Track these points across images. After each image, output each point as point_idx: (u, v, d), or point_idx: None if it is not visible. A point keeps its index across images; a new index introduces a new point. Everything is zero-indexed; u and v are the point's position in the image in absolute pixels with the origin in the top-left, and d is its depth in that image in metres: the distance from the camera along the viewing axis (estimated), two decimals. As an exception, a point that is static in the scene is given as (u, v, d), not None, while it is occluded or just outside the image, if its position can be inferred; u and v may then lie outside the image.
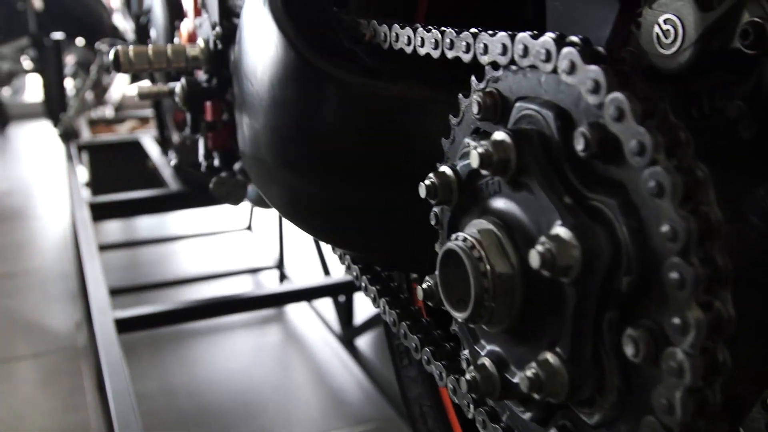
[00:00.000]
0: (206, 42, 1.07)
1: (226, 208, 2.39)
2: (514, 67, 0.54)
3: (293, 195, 0.83)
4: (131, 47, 1.05)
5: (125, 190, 2.66)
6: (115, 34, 4.11)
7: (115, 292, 2.42)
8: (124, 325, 1.32)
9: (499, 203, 0.55)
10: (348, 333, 2.37)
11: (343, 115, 0.74)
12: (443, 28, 0.62)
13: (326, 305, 2.62)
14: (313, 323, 2.61)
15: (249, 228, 3.16)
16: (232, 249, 3.17)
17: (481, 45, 0.57)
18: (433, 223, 0.63)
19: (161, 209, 2.14)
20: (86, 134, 2.80)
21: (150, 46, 1.06)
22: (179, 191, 2.07)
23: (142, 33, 2.22)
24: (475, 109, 0.57)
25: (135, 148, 2.55)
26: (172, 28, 1.45)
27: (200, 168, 2.28)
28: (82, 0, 4.06)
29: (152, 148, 2.53)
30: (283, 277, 2.90)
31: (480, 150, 0.51)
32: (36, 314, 2.65)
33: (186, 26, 1.22)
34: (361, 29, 0.75)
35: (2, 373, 2.30)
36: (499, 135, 0.51)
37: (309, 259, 3.01)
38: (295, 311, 2.73)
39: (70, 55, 3.90)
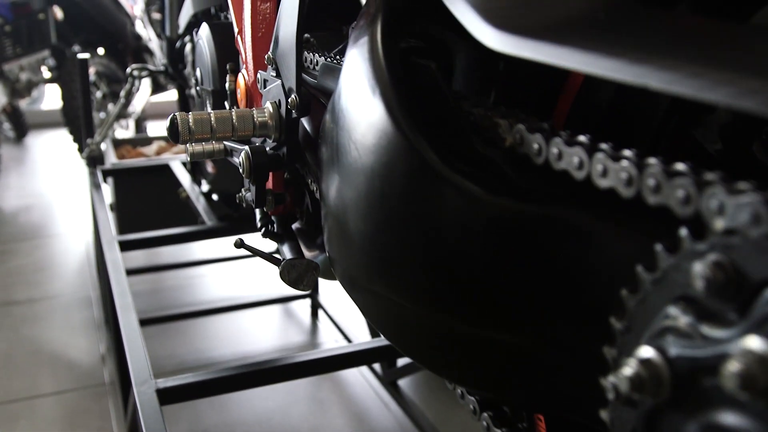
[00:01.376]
0: (275, 106, 0.93)
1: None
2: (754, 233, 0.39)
3: (397, 320, 0.69)
4: (191, 114, 0.90)
5: (153, 217, 2.52)
6: (138, 43, 3.98)
7: (142, 323, 2.29)
8: (166, 396, 1.18)
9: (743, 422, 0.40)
10: (390, 374, 2.23)
11: (480, 239, 0.59)
12: (641, 158, 0.48)
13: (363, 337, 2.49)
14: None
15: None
16: (261, 274, 3.03)
17: (714, 202, 0.42)
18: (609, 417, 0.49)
19: (194, 241, 1.99)
20: (111, 156, 2.66)
21: (212, 113, 0.92)
22: (215, 227, 1.92)
23: (176, 58, 2.08)
24: (699, 283, 0.42)
25: (164, 172, 2.40)
26: (222, 71, 1.30)
27: (234, 201, 2.15)
28: (103, 8, 3.92)
29: (182, 174, 2.39)
30: (316, 308, 2.76)
31: (735, 366, 0.37)
32: (59, 345, 2.52)
33: (244, 76, 1.07)
34: (500, 132, 0.60)
35: (24, 412, 2.17)
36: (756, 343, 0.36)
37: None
38: (330, 345, 2.59)
39: (90, 67, 3.76)
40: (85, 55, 2.35)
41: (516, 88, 0.69)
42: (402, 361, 2.26)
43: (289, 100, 0.87)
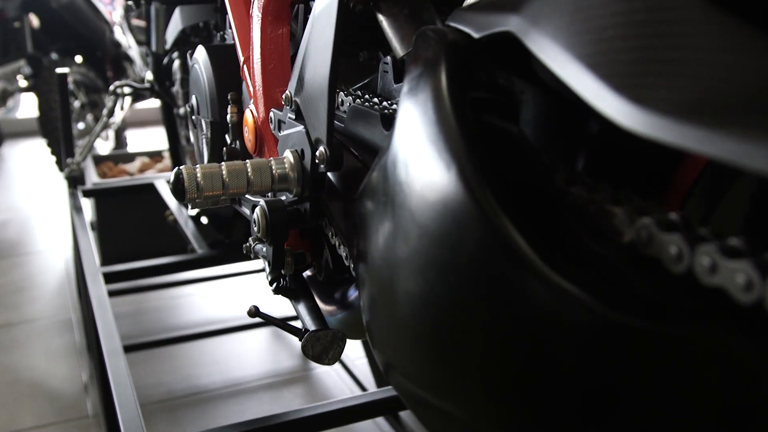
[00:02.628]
0: (297, 156, 0.78)
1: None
2: None
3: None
4: (198, 167, 0.75)
5: (137, 241, 2.36)
6: (117, 51, 3.80)
7: (127, 349, 2.13)
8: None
9: None
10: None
11: (592, 364, 0.45)
12: None
13: (362, 366, 2.35)
14: (345, 386, 2.33)
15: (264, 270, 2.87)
16: (247, 294, 2.88)
17: None
18: None
19: (184, 270, 1.83)
20: (92, 174, 2.49)
21: (223, 165, 0.77)
22: (205, 255, 1.76)
23: (164, 76, 1.92)
24: None
25: (148, 192, 2.24)
26: (222, 100, 1.15)
27: (225, 226, 1.99)
28: (80, 16, 3.72)
29: (168, 194, 2.22)
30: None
31: None
32: (39, 374, 2.35)
33: (252, 113, 0.92)
34: (614, 223, 0.46)
35: (2, 450, 2.01)
36: None
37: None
38: (324, 370, 2.45)
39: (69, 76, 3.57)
40: (65, 70, 2.18)
41: (618, 158, 0.55)
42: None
43: (317, 152, 0.72)
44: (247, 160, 0.78)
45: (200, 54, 1.24)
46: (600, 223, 0.49)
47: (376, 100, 0.79)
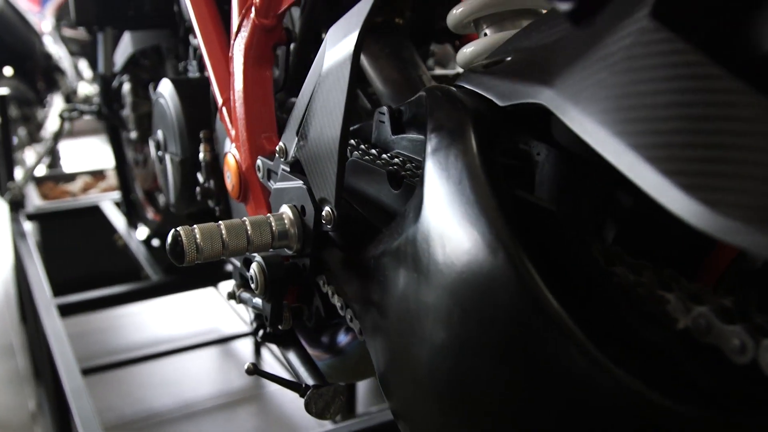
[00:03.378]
0: (296, 212, 0.75)
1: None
2: None
3: None
4: (196, 228, 0.71)
5: (84, 266, 2.27)
6: (48, 62, 3.64)
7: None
8: None
9: None
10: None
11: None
12: None
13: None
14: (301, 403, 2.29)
15: (215, 285, 2.80)
16: (192, 310, 2.80)
17: None
18: None
19: (141, 299, 1.77)
20: (33, 196, 2.37)
21: (222, 224, 0.73)
22: (162, 282, 1.70)
23: (112, 99, 1.84)
24: None
25: (94, 215, 2.15)
26: (193, 137, 1.10)
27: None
28: (9, 27, 3.55)
29: (115, 216, 2.14)
30: (259, 346, 2.57)
31: None
32: (-19, 404, 2.24)
33: (236, 158, 0.89)
34: (667, 309, 0.46)
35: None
36: None
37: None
38: (277, 388, 2.40)
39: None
40: (4, 91, 2.07)
41: (651, 230, 0.54)
42: (361, 409, 2.10)
43: (324, 213, 0.69)
44: (245, 218, 0.74)
45: (166, 88, 1.19)
46: (648, 306, 0.48)
47: (374, 151, 0.76)
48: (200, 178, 1.13)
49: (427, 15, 1.08)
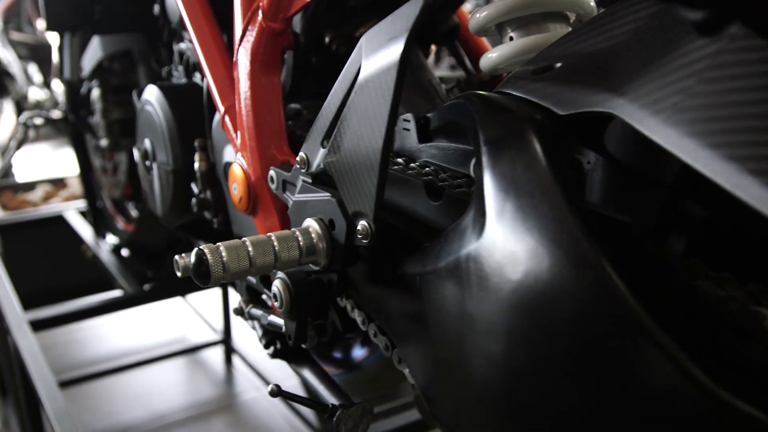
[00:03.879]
0: (324, 226, 0.71)
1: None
2: None
3: None
4: (221, 246, 0.67)
5: (50, 278, 2.17)
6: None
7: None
8: None
9: None
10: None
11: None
12: None
13: (293, 388, 2.25)
14: (276, 411, 2.24)
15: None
16: (165, 320, 2.72)
17: None
18: None
19: (115, 311, 1.69)
20: (-8, 207, 2.26)
21: (247, 241, 0.68)
22: (137, 294, 1.63)
23: (79, 106, 1.76)
24: None
25: (58, 225, 2.06)
26: (185, 146, 1.05)
27: (153, 259, 1.85)
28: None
29: (80, 226, 2.05)
30: (229, 354, 2.50)
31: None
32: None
33: (243, 168, 0.84)
34: (765, 324, 0.43)
35: None
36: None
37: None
38: (251, 396, 2.34)
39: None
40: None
41: (728, 244, 0.52)
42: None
43: (360, 227, 0.65)
44: (271, 234, 0.70)
45: (152, 94, 1.13)
46: (742, 322, 0.45)
47: (400, 160, 0.73)
48: (195, 188, 1.07)
49: (430, 18, 1.04)
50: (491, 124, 0.57)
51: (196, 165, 1.04)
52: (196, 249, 0.67)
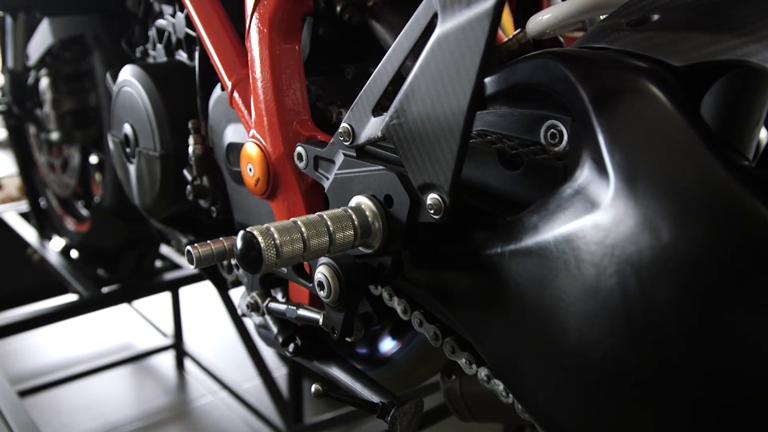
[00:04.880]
0: (378, 203, 0.62)
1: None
2: None
3: None
4: (271, 227, 0.57)
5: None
6: None
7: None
8: None
9: None
10: (297, 432, 1.92)
11: None
12: None
13: (253, 390, 2.14)
14: (235, 414, 2.12)
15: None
16: (109, 326, 2.55)
17: None
18: None
19: (73, 316, 1.55)
20: None
21: (299, 221, 0.59)
22: (94, 297, 1.50)
23: (25, 97, 1.61)
24: None
25: (-2, 228, 1.89)
26: (176, 129, 0.94)
27: (109, 260, 1.71)
28: None
29: (22, 228, 1.89)
30: (181, 358, 2.36)
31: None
32: None
33: (261, 146, 0.75)
34: None
35: None
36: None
37: (213, 328, 2.50)
38: (208, 401, 2.21)
39: None
40: None
41: None
42: (310, 418, 1.96)
43: (430, 201, 0.57)
44: (322, 213, 0.61)
45: (135, 74, 1.01)
46: None
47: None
48: (187, 174, 0.96)
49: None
50: (599, 80, 0.50)
51: (191, 149, 0.93)
52: (242, 232, 0.57)
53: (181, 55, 1.04)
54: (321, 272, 0.65)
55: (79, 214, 1.75)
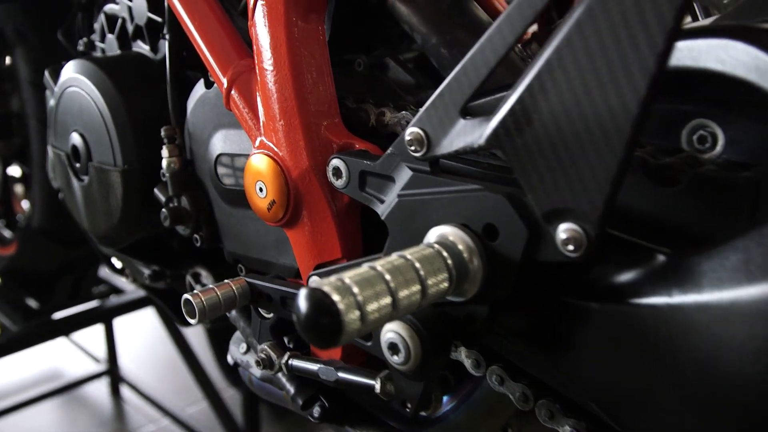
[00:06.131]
0: (477, 238, 0.44)
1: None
2: None
3: None
4: (347, 277, 0.39)
5: None
6: None
7: None
8: None
9: None
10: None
11: None
12: None
13: (197, 414, 1.91)
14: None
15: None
16: (36, 352, 2.25)
17: None
18: None
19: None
20: None
21: (379, 266, 0.40)
22: (23, 335, 1.25)
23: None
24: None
25: None
26: (142, 138, 0.74)
27: (42, 290, 1.45)
28: None
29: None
30: (116, 384, 2.10)
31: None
32: None
33: (278, 159, 0.56)
34: None
35: None
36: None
37: (149, 349, 2.25)
38: (144, 431, 1.96)
39: None
40: None
41: None
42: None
43: (563, 232, 0.40)
44: (406, 252, 0.42)
45: (83, 71, 0.79)
46: None
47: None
48: (160, 194, 0.75)
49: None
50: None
51: (165, 162, 0.73)
52: (306, 290, 0.38)
53: (141, 47, 0.82)
54: (394, 331, 0.47)
55: (0, 235, 1.48)
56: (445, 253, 0.44)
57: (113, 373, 2.11)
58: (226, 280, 0.59)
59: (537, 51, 0.64)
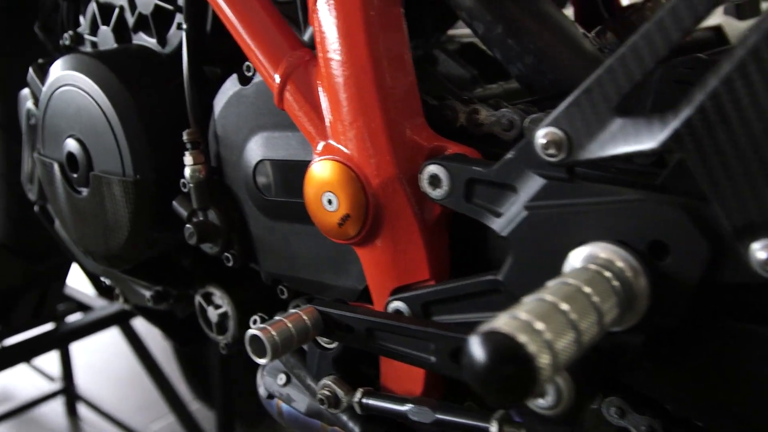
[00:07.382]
0: (639, 258, 0.37)
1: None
2: None
3: None
4: (521, 312, 0.31)
5: None
6: None
7: None
8: None
9: None
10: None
11: None
12: None
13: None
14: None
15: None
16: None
17: None
18: None
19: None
20: None
21: (547, 296, 0.32)
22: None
23: None
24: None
25: None
26: (157, 145, 0.64)
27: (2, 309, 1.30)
28: None
29: None
30: (72, 403, 1.95)
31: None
32: None
33: (356, 170, 0.47)
34: None
35: None
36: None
37: (106, 363, 2.10)
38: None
39: None
40: None
41: None
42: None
43: (762, 250, 0.33)
44: (569, 278, 0.34)
45: (81, 67, 0.68)
46: None
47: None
48: (180, 208, 0.65)
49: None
50: None
51: (188, 171, 0.62)
52: (478, 336, 0.30)
53: (145, 40, 0.71)
54: (556, 379, 0.38)
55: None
56: (608, 274, 0.36)
57: (69, 391, 1.95)
58: (293, 310, 0.49)
59: (612, 40, 0.57)
